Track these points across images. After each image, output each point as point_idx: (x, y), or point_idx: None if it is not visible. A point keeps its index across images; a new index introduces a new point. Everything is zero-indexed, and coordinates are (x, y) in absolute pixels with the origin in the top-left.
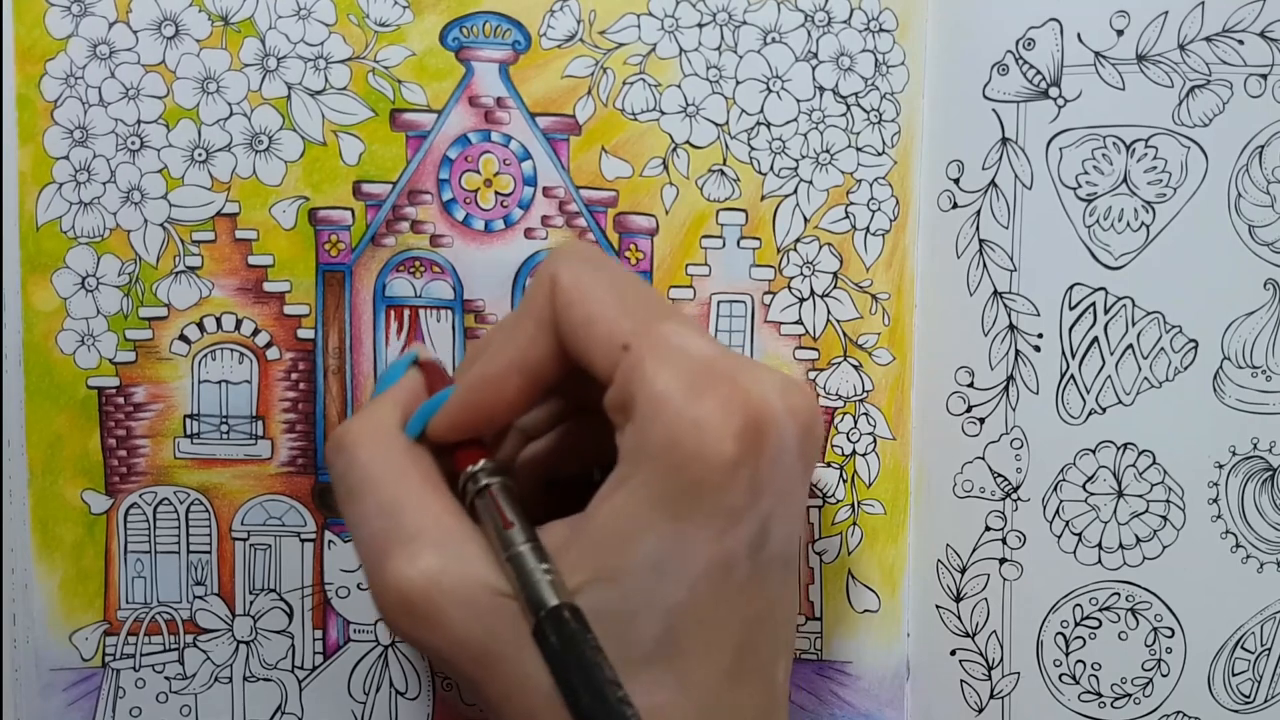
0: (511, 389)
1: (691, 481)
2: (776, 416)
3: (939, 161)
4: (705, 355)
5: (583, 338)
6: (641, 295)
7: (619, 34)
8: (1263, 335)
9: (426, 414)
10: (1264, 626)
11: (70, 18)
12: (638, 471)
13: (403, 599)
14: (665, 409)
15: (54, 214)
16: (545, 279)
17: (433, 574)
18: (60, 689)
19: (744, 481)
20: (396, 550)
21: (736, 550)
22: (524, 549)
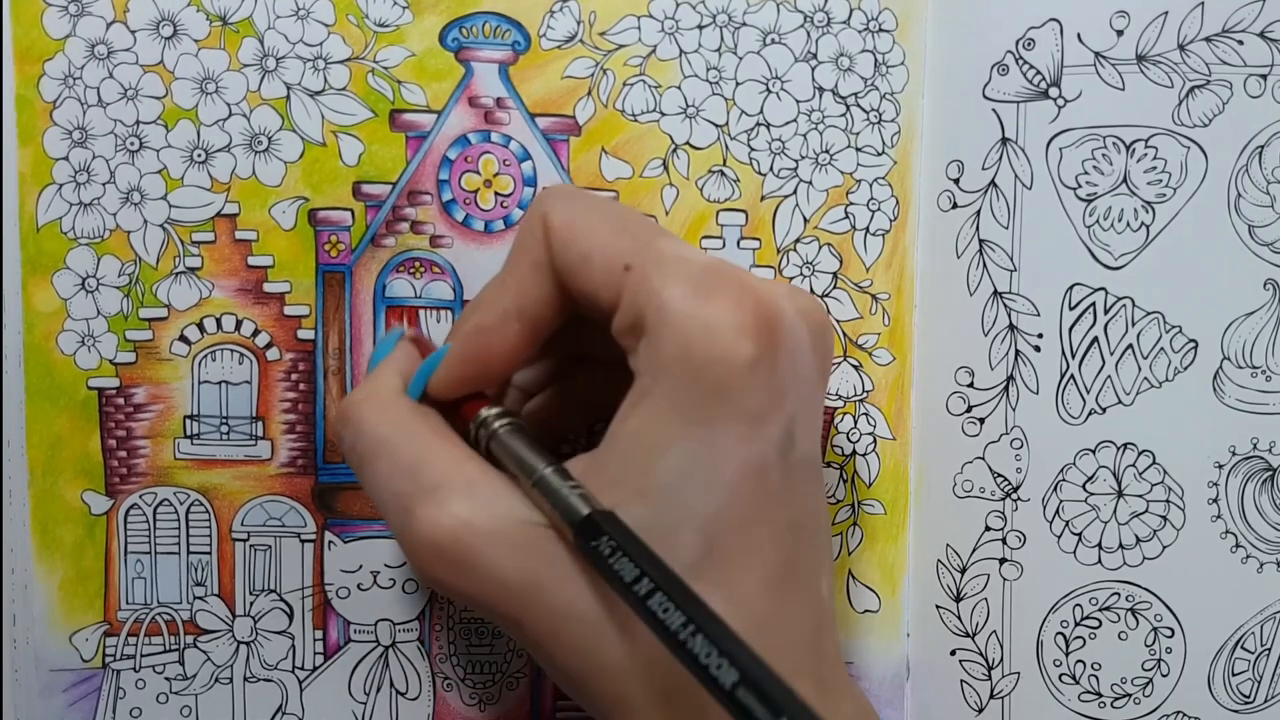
0: (511, 336)
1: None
2: (787, 315)
3: (939, 161)
4: (709, 262)
5: (582, 271)
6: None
7: (619, 35)
8: (1263, 335)
9: (426, 373)
10: (1264, 626)
11: (68, 18)
12: (656, 384)
13: (436, 547)
14: (676, 316)
15: (54, 215)
16: (535, 221)
17: (463, 517)
18: (60, 690)
19: (763, 380)
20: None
21: (766, 452)
22: (547, 472)
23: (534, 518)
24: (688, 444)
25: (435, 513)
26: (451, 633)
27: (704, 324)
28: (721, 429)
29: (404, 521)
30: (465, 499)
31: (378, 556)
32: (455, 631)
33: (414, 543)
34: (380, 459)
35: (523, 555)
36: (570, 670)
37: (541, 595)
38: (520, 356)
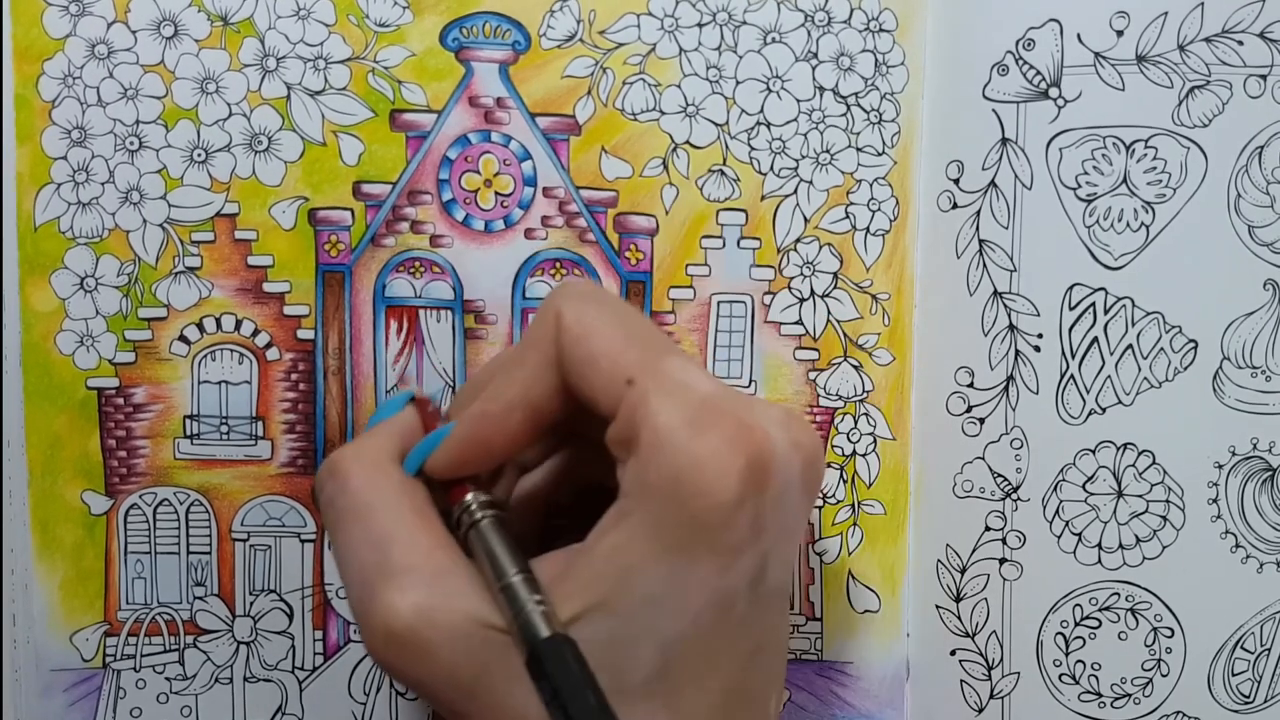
0: (514, 425)
1: (694, 518)
2: (780, 453)
3: (939, 162)
4: (709, 392)
5: (587, 373)
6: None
7: (619, 34)
8: (1262, 335)
9: (425, 450)
10: (1264, 626)
11: (68, 17)
12: (639, 506)
13: (390, 633)
14: (668, 445)
15: (52, 214)
16: (549, 315)
17: (422, 608)
18: (61, 689)
19: (747, 520)
20: (385, 583)
21: (737, 586)
22: (516, 580)
23: (493, 620)
24: (661, 570)
25: (397, 598)
26: None
27: (695, 458)
28: (696, 562)
29: (365, 599)
30: (427, 589)
31: None
32: None
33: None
34: (356, 524)
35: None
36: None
37: (490, 696)
38: (521, 445)
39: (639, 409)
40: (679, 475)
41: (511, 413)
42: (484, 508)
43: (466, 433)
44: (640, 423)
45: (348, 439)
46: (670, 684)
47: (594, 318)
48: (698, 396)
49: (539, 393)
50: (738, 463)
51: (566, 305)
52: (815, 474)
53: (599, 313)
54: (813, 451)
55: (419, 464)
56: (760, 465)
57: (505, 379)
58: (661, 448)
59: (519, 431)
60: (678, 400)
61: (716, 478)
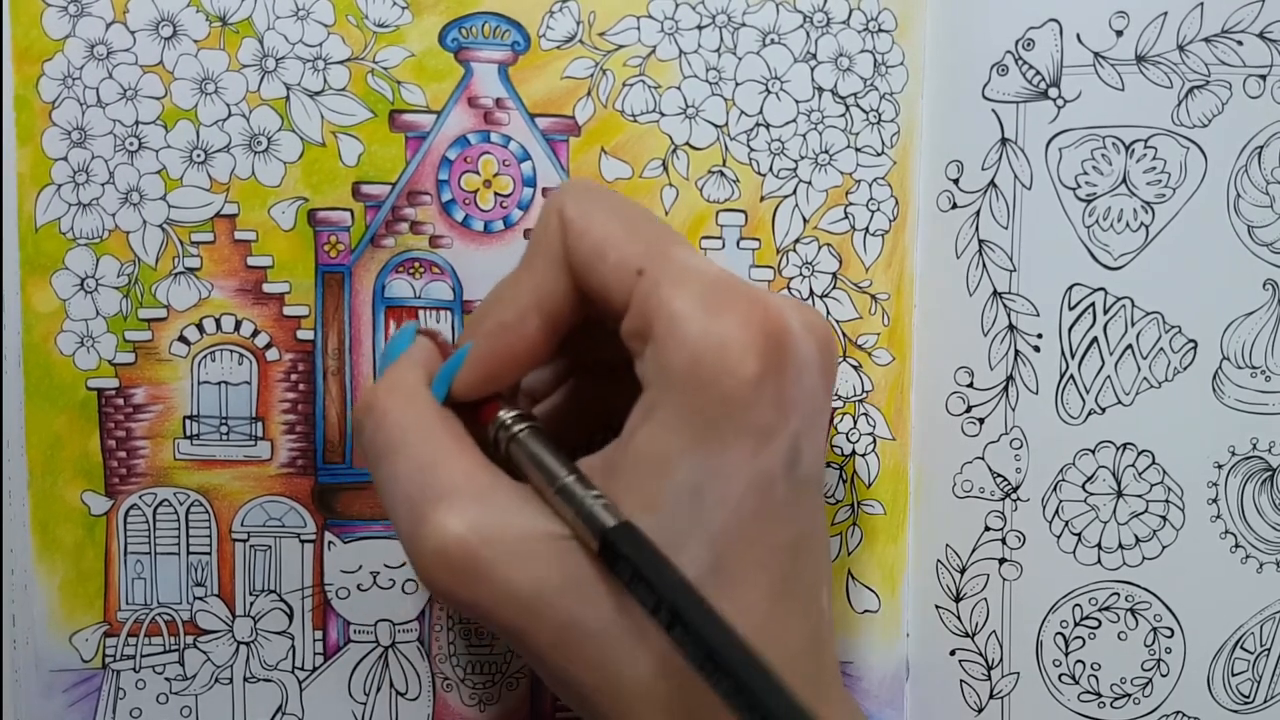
0: (532, 331)
1: (719, 399)
2: (795, 331)
3: (938, 162)
4: (719, 275)
5: (596, 268)
6: (650, 223)
7: (618, 35)
8: (1262, 335)
9: (449, 373)
10: (1264, 626)
11: (67, 18)
12: (663, 396)
13: (444, 555)
14: (685, 329)
15: (53, 215)
16: (552, 216)
17: (474, 525)
18: (60, 690)
19: (770, 397)
20: (435, 506)
21: (773, 469)
22: (570, 480)
23: (550, 529)
24: (696, 459)
25: (448, 519)
26: (451, 633)
27: (713, 339)
28: (730, 445)
29: (413, 525)
30: (479, 506)
31: (377, 557)
32: (455, 632)
33: (422, 549)
34: (397, 456)
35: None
36: (581, 685)
37: (549, 608)
38: (540, 353)
39: (651, 297)
40: (699, 357)
41: (527, 319)
42: (518, 420)
43: (487, 347)
44: (654, 310)
45: (348, 440)
46: (723, 577)
47: (598, 212)
48: (709, 280)
49: (551, 295)
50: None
51: (569, 202)
52: (830, 355)
53: (602, 207)
54: (825, 333)
55: (446, 388)
56: (778, 342)
57: (515, 287)
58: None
59: (537, 338)
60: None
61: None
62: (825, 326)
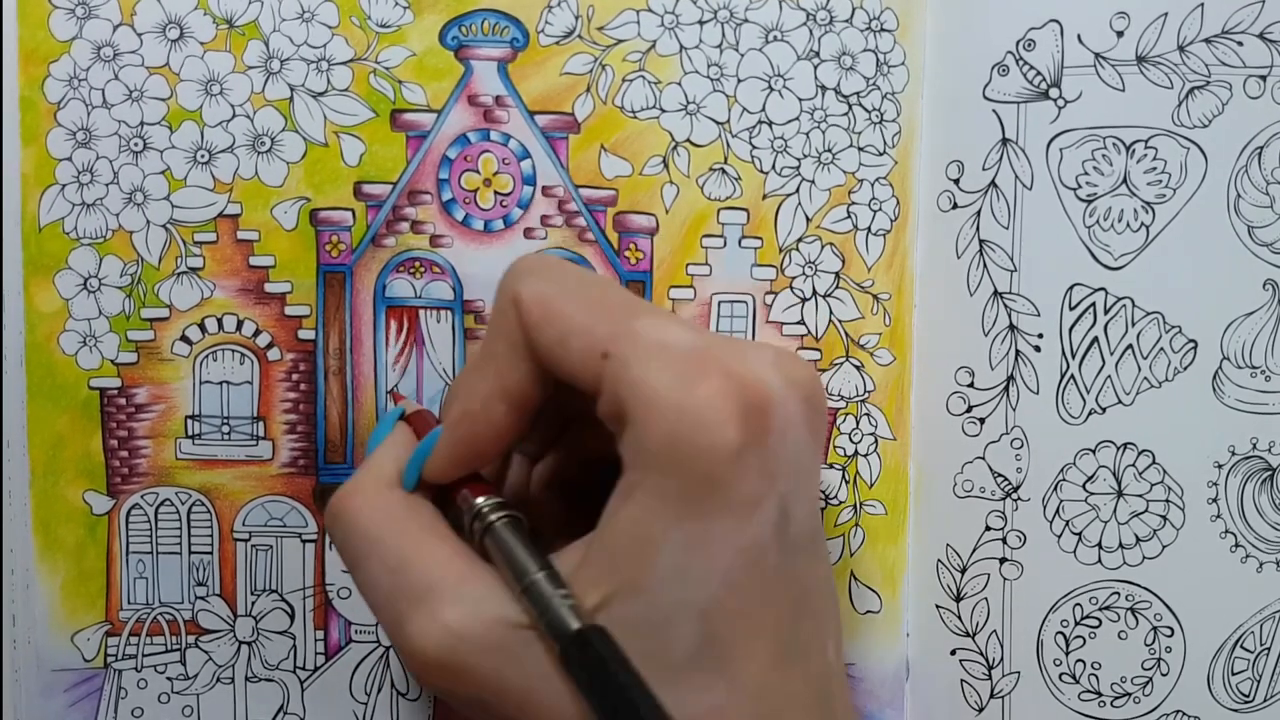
0: (498, 419)
1: (701, 477)
2: (776, 393)
3: (939, 162)
4: (689, 344)
5: (560, 355)
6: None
7: (618, 30)
8: (1262, 335)
9: (419, 460)
10: (1263, 626)
11: (74, 20)
12: (644, 476)
13: (429, 659)
14: (659, 409)
15: (56, 215)
16: (508, 304)
17: (454, 627)
18: (62, 690)
19: (754, 467)
20: (412, 609)
21: (762, 537)
22: (538, 578)
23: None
24: (680, 537)
25: (427, 623)
26: None
27: (689, 415)
28: (714, 519)
29: (397, 630)
30: (454, 605)
31: None
32: None
33: (408, 653)
34: (370, 559)
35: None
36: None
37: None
38: (510, 436)
39: (621, 381)
40: (676, 436)
41: (492, 407)
42: (494, 510)
43: (453, 436)
44: (625, 394)
45: (349, 439)
46: (718, 652)
47: (553, 295)
48: (679, 353)
49: (515, 381)
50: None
51: (523, 287)
52: (817, 408)
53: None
54: (810, 386)
55: (416, 475)
56: (758, 409)
57: (479, 375)
58: (652, 413)
59: (504, 424)
60: (659, 362)
61: (715, 430)
62: (810, 377)
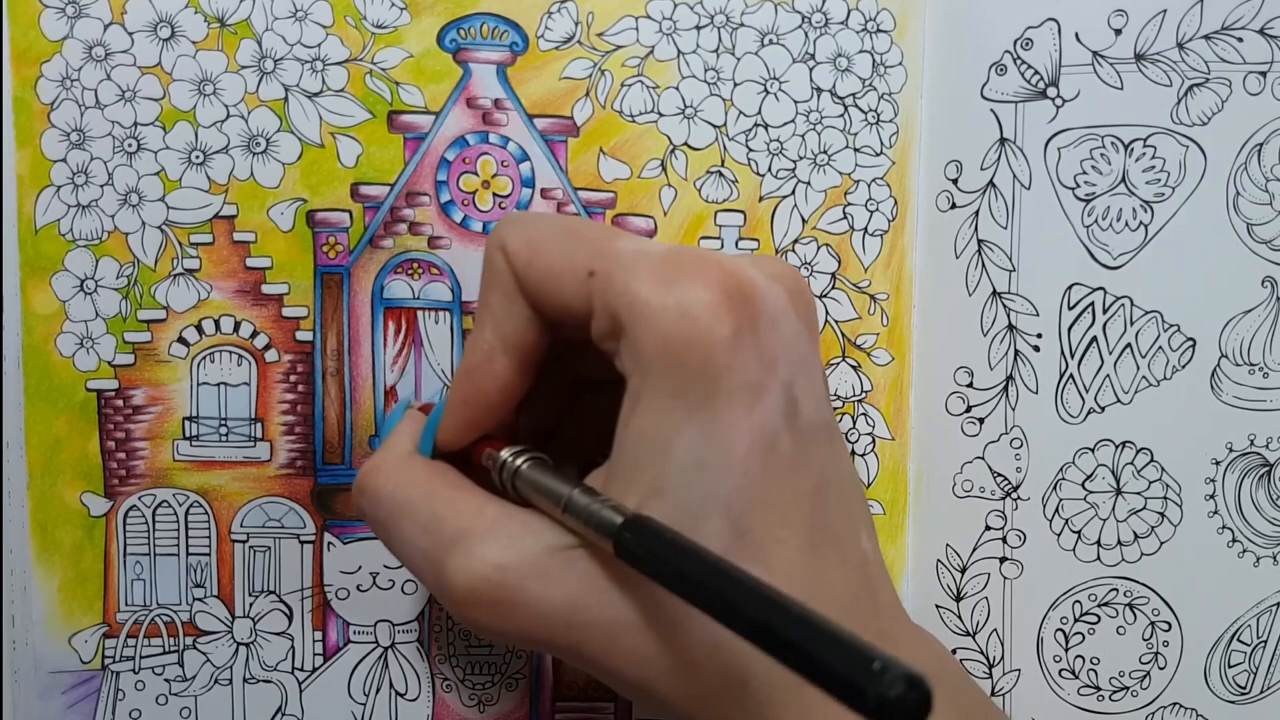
0: (501, 369)
1: (700, 367)
2: (759, 282)
3: (937, 162)
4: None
5: (550, 286)
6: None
7: (617, 36)
8: (1260, 333)
9: (432, 427)
10: (1260, 619)
11: (65, 19)
12: (646, 381)
13: (473, 595)
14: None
15: (52, 217)
16: (496, 253)
17: (494, 559)
18: (60, 691)
19: (750, 352)
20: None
21: (772, 422)
22: (575, 494)
23: (565, 541)
24: (693, 431)
25: (465, 561)
26: (451, 634)
27: (678, 310)
28: (722, 408)
29: (437, 577)
30: (491, 541)
31: (377, 558)
32: (454, 632)
33: (453, 595)
34: (401, 522)
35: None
36: (634, 680)
37: (588, 616)
38: (516, 388)
39: (609, 292)
40: (669, 332)
41: (493, 359)
42: (518, 455)
43: (459, 393)
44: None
45: (347, 440)
46: (749, 542)
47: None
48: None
49: (514, 327)
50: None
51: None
52: (804, 300)
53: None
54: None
55: (431, 442)
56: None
57: (477, 331)
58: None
59: (508, 375)
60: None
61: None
62: (792, 275)
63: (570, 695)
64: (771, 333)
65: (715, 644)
